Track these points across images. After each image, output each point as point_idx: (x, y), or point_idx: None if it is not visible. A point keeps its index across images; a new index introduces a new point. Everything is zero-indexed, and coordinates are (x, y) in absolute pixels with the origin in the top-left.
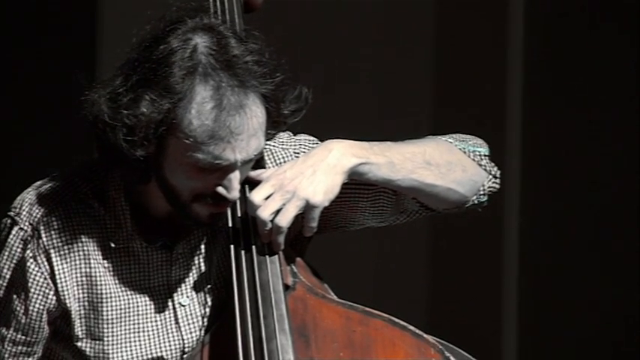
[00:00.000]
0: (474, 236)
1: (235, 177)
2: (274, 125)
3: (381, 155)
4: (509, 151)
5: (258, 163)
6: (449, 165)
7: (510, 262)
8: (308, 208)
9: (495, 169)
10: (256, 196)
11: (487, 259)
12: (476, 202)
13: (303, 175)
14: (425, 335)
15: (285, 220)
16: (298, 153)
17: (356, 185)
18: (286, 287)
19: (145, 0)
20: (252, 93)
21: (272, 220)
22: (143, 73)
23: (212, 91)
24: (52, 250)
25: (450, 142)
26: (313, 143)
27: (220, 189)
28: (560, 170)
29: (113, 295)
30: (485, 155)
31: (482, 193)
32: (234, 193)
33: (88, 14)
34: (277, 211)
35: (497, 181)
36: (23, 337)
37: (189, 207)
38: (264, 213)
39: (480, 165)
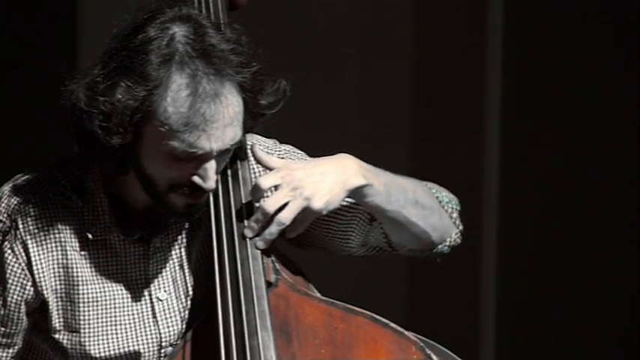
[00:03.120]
0: None
1: (211, 166)
2: (251, 116)
3: (382, 183)
4: (488, 151)
5: (242, 161)
6: (431, 209)
7: (489, 260)
8: (306, 211)
9: (461, 226)
10: (265, 182)
11: (466, 258)
12: (439, 251)
13: (312, 178)
14: (406, 332)
15: (287, 218)
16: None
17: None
18: (269, 284)
19: None
20: (228, 82)
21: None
22: (120, 60)
23: (188, 79)
24: (29, 241)
25: (430, 189)
26: (298, 154)
27: (196, 178)
28: (538, 170)
29: (89, 286)
30: (456, 209)
31: (447, 244)
32: (210, 183)
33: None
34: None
35: (460, 236)
36: (2, 329)
37: (166, 197)
38: (270, 205)
39: (452, 217)
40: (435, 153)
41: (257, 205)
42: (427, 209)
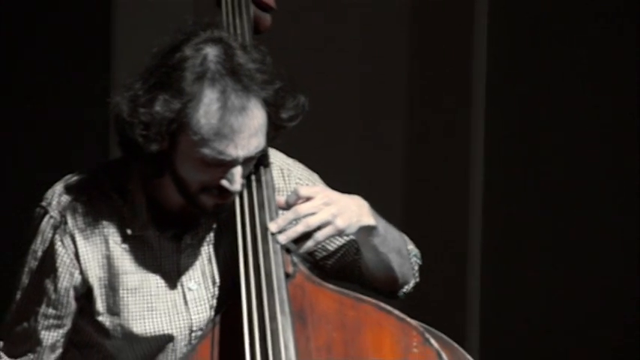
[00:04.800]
0: (440, 227)
1: (237, 171)
2: (274, 127)
3: (383, 228)
4: (473, 149)
5: (265, 167)
6: (405, 259)
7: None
8: (329, 226)
9: (418, 278)
10: (303, 191)
11: (452, 248)
12: (396, 295)
13: (342, 202)
14: (408, 319)
15: (314, 223)
16: (301, 179)
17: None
18: (287, 275)
19: (150, 16)
20: (253, 97)
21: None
22: (159, 76)
23: (218, 94)
24: (76, 235)
25: (405, 241)
26: (311, 178)
27: (224, 182)
28: (522, 169)
29: (128, 276)
30: (418, 263)
31: (404, 291)
32: (237, 186)
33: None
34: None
35: (414, 287)
36: (54, 311)
37: (197, 197)
38: (304, 209)
39: (413, 269)
40: (426, 156)
41: (278, 207)
42: (404, 258)
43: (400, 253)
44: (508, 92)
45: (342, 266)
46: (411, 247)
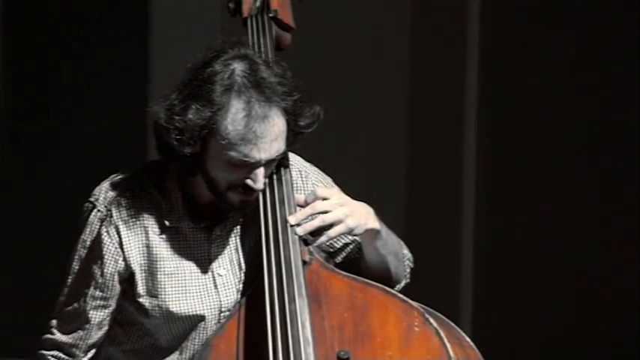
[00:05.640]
0: (436, 227)
1: (261, 172)
2: (293, 134)
3: (385, 232)
4: (467, 149)
5: (285, 168)
6: (400, 261)
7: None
8: (341, 224)
9: (409, 279)
10: (321, 192)
11: (447, 246)
12: None
13: (354, 205)
14: (410, 301)
15: (329, 219)
16: (315, 183)
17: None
18: (304, 262)
19: (184, 35)
20: (275, 107)
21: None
22: (192, 88)
23: (244, 104)
24: (120, 226)
25: (402, 246)
26: (324, 181)
27: (249, 181)
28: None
29: (166, 262)
30: (410, 266)
31: (395, 289)
32: (260, 185)
33: (142, 52)
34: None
35: (403, 286)
36: (100, 294)
37: (225, 194)
38: (322, 206)
39: (405, 271)
40: (423, 167)
41: (297, 204)
42: (399, 261)
43: (397, 256)
44: (500, 99)
45: (345, 262)
46: (406, 251)
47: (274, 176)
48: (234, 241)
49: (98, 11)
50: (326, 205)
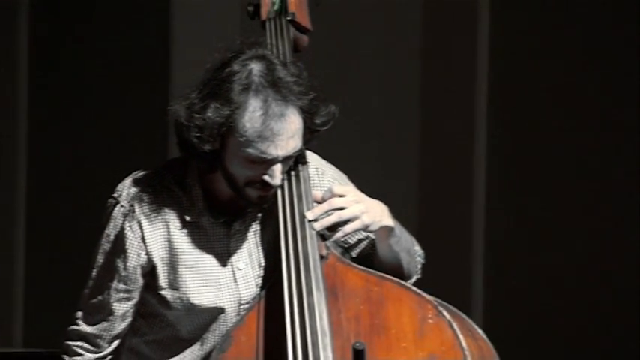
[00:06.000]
0: (448, 222)
1: (278, 168)
2: (309, 131)
3: (398, 230)
4: (477, 147)
5: (302, 165)
6: (412, 257)
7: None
8: (357, 221)
9: (420, 274)
10: (337, 189)
11: (458, 242)
12: None
13: (370, 202)
14: (424, 293)
15: (345, 215)
16: (331, 180)
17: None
18: (321, 257)
19: (204, 37)
20: (291, 105)
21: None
22: (211, 87)
23: (261, 103)
24: (142, 221)
25: (414, 242)
26: (339, 179)
27: (266, 177)
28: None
29: (187, 256)
30: (421, 262)
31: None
32: (277, 181)
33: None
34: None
35: (416, 279)
36: (124, 286)
37: (244, 190)
38: (339, 202)
39: (417, 266)
40: (435, 164)
41: (314, 200)
42: (411, 257)
43: (409, 253)
44: (509, 95)
45: (359, 257)
46: (417, 247)
47: (292, 173)
48: (253, 235)
49: (122, 15)
50: (342, 202)
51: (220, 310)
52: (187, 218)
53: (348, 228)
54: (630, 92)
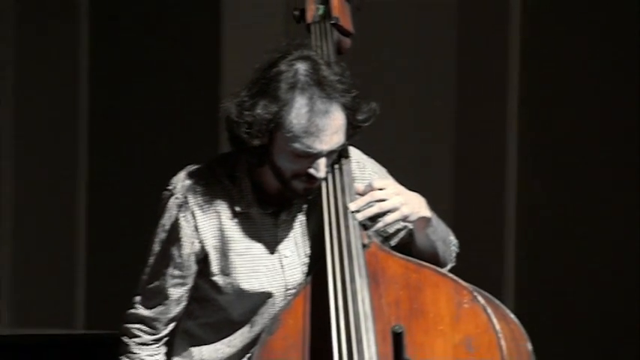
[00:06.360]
0: (480, 215)
1: (322, 162)
2: (351, 127)
3: (435, 220)
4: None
5: (345, 159)
6: (448, 247)
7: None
8: (396, 212)
9: (455, 262)
10: (378, 182)
11: (489, 232)
12: None
13: (409, 195)
14: (460, 280)
15: (386, 206)
16: (372, 174)
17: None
18: (363, 245)
19: (252, 38)
20: (335, 103)
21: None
22: (260, 86)
23: (307, 100)
24: (196, 211)
25: (449, 232)
26: (380, 172)
27: (311, 170)
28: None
29: (237, 244)
30: (455, 251)
31: None
32: (321, 174)
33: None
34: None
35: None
36: (179, 272)
37: (290, 183)
38: (380, 194)
39: (451, 255)
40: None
41: (356, 192)
42: (447, 246)
43: (445, 242)
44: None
45: (397, 246)
46: (452, 237)
47: (335, 166)
48: (299, 225)
49: (175, 21)
50: (383, 194)
51: (268, 295)
52: (237, 209)
53: (388, 218)
54: None
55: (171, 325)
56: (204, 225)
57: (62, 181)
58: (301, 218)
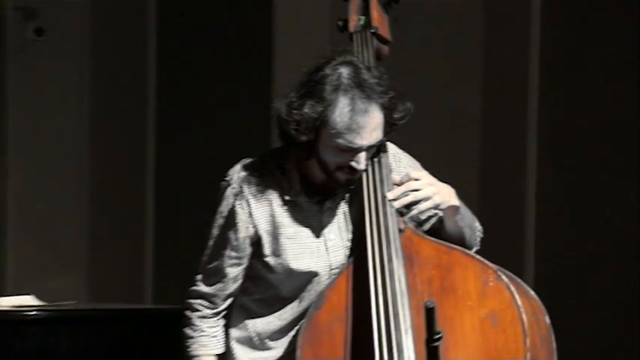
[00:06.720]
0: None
1: (362, 155)
2: (388, 125)
3: (463, 208)
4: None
5: (383, 153)
6: (473, 232)
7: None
8: (428, 200)
9: (479, 246)
10: (414, 173)
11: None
12: None
13: (440, 185)
14: (486, 261)
15: (419, 195)
16: (406, 166)
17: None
18: (400, 230)
19: (300, 46)
20: (374, 103)
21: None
22: (307, 88)
23: (349, 101)
24: (250, 199)
25: (474, 219)
26: (415, 164)
27: (353, 163)
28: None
29: (287, 229)
30: (480, 236)
31: None
32: (362, 166)
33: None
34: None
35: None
36: (235, 254)
37: (334, 174)
38: (415, 184)
39: (476, 239)
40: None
41: (393, 183)
42: (473, 232)
43: (471, 228)
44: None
45: (428, 231)
46: (477, 224)
47: (374, 159)
48: (342, 212)
49: (235, 35)
50: (418, 185)
51: (314, 274)
52: (287, 197)
53: (422, 206)
54: None
55: (229, 301)
56: (258, 212)
57: (133, 171)
58: (344, 206)
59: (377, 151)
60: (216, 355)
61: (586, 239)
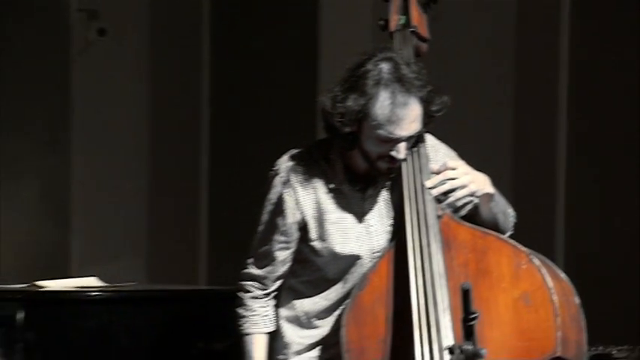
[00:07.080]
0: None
1: (402, 146)
2: (427, 117)
3: (496, 195)
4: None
5: (421, 143)
6: (507, 218)
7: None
8: (464, 188)
9: (513, 231)
10: (451, 163)
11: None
12: None
13: (475, 174)
14: (519, 245)
15: (456, 184)
16: (444, 157)
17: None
18: (438, 216)
19: (345, 43)
20: (413, 96)
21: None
22: (350, 83)
23: (389, 94)
24: (297, 187)
25: (507, 205)
26: (452, 154)
27: (393, 153)
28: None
29: (331, 215)
30: (513, 222)
31: None
32: (402, 156)
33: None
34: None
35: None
36: (283, 238)
37: (376, 163)
38: (452, 173)
39: (510, 225)
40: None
41: (431, 171)
42: (506, 217)
43: (505, 214)
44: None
45: (464, 217)
46: (510, 210)
47: (413, 150)
48: (383, 199)
49: (284, 34)
50: (454, 174)
51: (357, 257)
52: (331, 185)
53: (458, 194)
54: None
55: (279, 282)
56: (304, 199)
57: (188, 162)
58: (385, 193)
59: (416, 141)
60: (267, 333)
61: (615, 227)
